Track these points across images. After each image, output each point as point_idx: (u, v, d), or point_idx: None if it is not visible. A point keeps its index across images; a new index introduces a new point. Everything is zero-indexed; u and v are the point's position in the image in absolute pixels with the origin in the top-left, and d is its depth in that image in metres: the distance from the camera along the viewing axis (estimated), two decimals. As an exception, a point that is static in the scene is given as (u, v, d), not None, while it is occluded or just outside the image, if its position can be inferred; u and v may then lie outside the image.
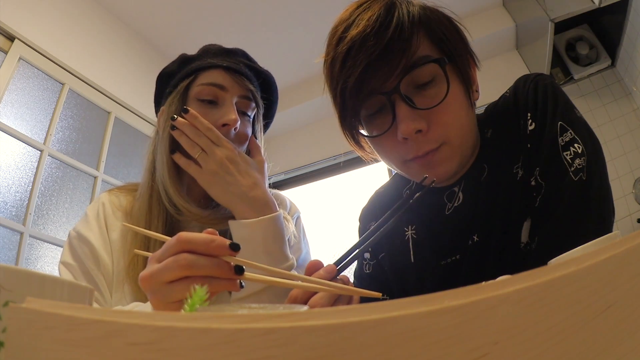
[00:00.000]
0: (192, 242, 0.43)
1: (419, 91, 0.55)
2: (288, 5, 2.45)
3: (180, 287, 0.43)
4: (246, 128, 0.75)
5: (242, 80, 0.74)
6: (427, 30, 0.55)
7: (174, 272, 0.42)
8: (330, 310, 0.14)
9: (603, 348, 0.16)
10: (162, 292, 0.44)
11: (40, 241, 1.74)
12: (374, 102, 0.56)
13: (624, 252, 0.18)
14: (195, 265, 0.42)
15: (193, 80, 0.73)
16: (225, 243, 0.44)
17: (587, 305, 0.16)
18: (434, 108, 0.53)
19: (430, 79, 0.54)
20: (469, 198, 0.60)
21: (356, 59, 0.53)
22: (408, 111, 0.53)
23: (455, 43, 0.58)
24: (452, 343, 0.14)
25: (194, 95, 0.72)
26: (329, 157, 3.09)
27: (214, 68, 0.73)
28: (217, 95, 0.72)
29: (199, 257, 0.43)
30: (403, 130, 0.53)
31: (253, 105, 0.76)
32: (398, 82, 0.53)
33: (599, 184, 0.51)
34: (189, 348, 0.14)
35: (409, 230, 0.66)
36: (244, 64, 0.77)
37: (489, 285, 0.15)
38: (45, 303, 0.17)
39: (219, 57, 0.76)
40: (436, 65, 0.54)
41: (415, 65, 0.53)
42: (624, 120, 2.26)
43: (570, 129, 0.54)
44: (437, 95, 0.54)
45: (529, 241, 0.54)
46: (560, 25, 2.08)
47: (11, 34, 1.78)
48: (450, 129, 0.55)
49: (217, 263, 0.43)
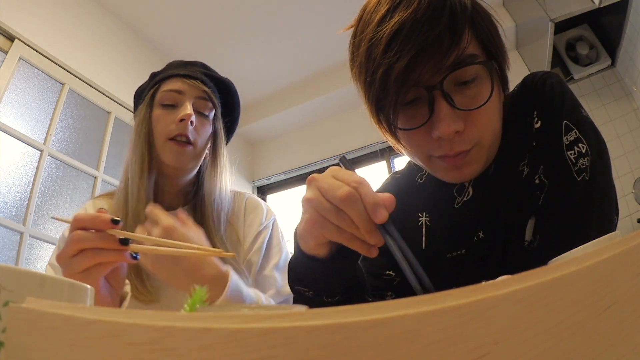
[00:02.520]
0: (82, 220, 0.53)
1: (459, 89, 0.52)
2: (288, 4, 2.45)
3: (79, 259, 0.52)
4: (205, 125, 0.84)
5: (197, 84, 0.84)
6: (474, 24, 0.52)
7: (72, 247, 0.51)
8: (330, 310, 0.14)
9: (603, 348, 0.16)
10: (68, 265, 0.52)
11: (40, 241, 1.74)
12: (410, 94, 0.52)
13: (624, 252, 0.18)
14: (84, 239, 0.52)
15: (157, 90, 0.85)
16: (106, 218, 0.53)
17: (587, 305, 0.16)
18: (473, 110, 0.51)
19: (472, 77, 0.51)
20: (478, 193, 0.60)
21: (405, 45, 0.48)
22: (449, 111, 0.50)
23: (498, 42, 0.55)
24: (452, 343, 0.14)
25: (158, 101, 0.83)
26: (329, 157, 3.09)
27: (173, 77, 0.85)
28: (175, 99, 0.82)
29: (88, 232, 0.52)
30: (443, 131, 0.50)
31: (210, 105, 0.85)
32: (443, 77, 0.50)
33: (603, 184, 0.51)
34: (189, 348, 0.14)
35: (423, 216, 0.66)
36: (200, 72, 0.88)
37: (489, 285, 0.15)
38: (45, 303, 0.17)
39: (179, 68, 0.87)
40: (482, 67, 0.51)
41: (464, 63, 0.50)
42: (624, 120, 2.27)
43: (575, 129, 0.53)
44: (477, 95, 0.51)
45: (533, 239, 0.54)
46: (560, 25, 2.08)
47: (11, 34, 1.78)
48: (485, 131, 0.53)
49: (102, 236, 0.52)
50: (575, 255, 0.20)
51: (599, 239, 0.33)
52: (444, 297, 0.15)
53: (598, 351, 0.16)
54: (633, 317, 0.17)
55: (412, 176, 0.72)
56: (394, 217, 0.45)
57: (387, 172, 2.93)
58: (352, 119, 3.07)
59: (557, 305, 0.15)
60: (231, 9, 2.43)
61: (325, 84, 2.94)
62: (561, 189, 0.52)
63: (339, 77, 2.89)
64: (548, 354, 0.15)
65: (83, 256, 0.52)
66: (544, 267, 0.17)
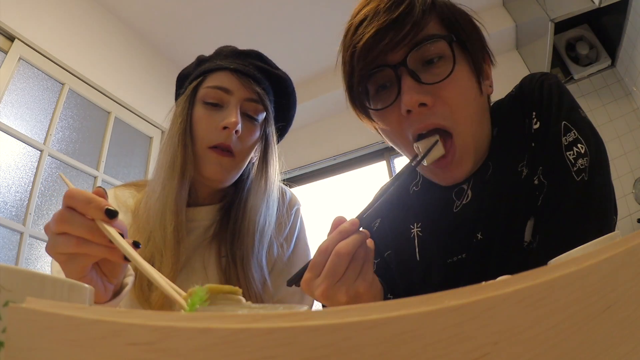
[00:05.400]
0: (74, 198, 0.43)
1: (425, 68, 0.55)
2: (289, 4, 2.45)
3: (62, 240, 0.43)
4: (252, 132, 0.74)
5: (249, 83, 0.72)
6: (439, 14, 0.57)
7: (57, 225, 0.43)
8: (330, 310, 0.14)
9: (603, 348, 0.16)
10: (52, 241, 0.44)
11: (40, 241, 1.74)
12: (381, 77, 0.57)
13: (624, 252, 0.18)
14: (68, 222, 0.43)
15: (201, 82, 0.74)
16: (101, 205, 0.42)
17: (587, 305, 0.16)
18: (439, 84, 0.54)
19: (437, 57, 0.55)
20: (477, 196, 0.60)
21: (367, 28, 0.55)
22: (413, 84, 0.54)
23: (468, 30, 0.59)
24: (452, 343, 0.14)
25: (201, 97, 0.72)
26: (329, 157, 3.09)
27: (221, 70, 0.73)
28: (221, 98, 0.71)
29: (75, 216, 0.43)
30: (406, 101, 0.53)
31: (260, 107, 0.74)
32: (405, 55, 0.54)
33: (602, 184, 0.51)
34: (189, 348, 0.14)
35: (415, 228, 0.66)
36: (255, 66, 0.76)
37: (489, 285, 0.15)
38: (45, 303, 0.17)
39: (229, 59, 0.75)
40: (445, 46, 0.55)
41: (424, 41, 0.54)
42: (624, 120, 2.27)
43: (574, 129, 0.54)
44: (443, 73, 0.54)
45: (532, 240, 0.54)
46: (560, 25, 2.08)
47: (11, 34, 1.78)
48: (457, 108, 0.55)
49: (90, 226, 0.43)
50: (575, 255, 0.20)
51: (599, 239, 0.33)
52: (444, 297, 0.15)
53: (598, 351, 0.16)
54: (633, 317, 0.17)
55: (404, 186, 0.73)
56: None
57: (387, 172, 2.93)
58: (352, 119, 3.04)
59: (557, 305, 0.15)
60: (231, 9, 2.43)
61: (325, 83, 2.94)
62: (561, 189, 0.52)
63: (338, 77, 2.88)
64: (548, 354, 0.15)
65: (67, 240, 0.43)
66: (544, 267, 0.17)
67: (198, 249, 0.73)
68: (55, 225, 0.43)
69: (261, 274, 0.72)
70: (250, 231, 0.72)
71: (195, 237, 0.74)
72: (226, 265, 0.71)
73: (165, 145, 0.73)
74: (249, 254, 0.71)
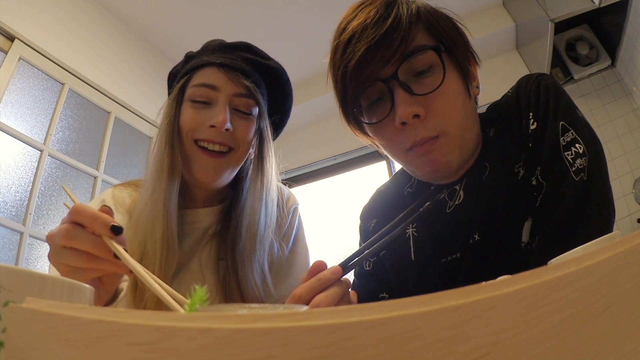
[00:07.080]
0: (80, 214, 0.45)
1: (416, 79, 0.56)
2: (289, 4, 2.45)
3: (70, 254, 0.45)
4: (247, 127, 0.71)
5: (237, 77, 0.69)
6: (425, 24, 0.58)
7: (63, 240, 0.44)
8: (330, 310, 0.14)
9: (603, 348, 0.16)
10: (57, 252, 0.45)
11: (40, 241, 1.74)
12: (373, 91, 0.58)
13: (624, 252, 0.18)
14: (74, 238, 0.44)
15: (188, 81, 0.71)
16: (107, 222, 0.44)
17: (587, 305, 0.16)
18: (431, 94, 0.55)
19: (427, 67, 0.56)
20: (469, 196, 0.60)
21: (356, 46, 0.55)
22: (406, 96, 0.55)
23: (453, 36, 0.60)
24: (452, 343, 0.14)
25: (188, 97, 0.70)
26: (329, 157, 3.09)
27: (208, 66, 0.70)
28: (209, 96, 0.68)
29: (81, 232, 0.44)
30: (400, 114, 0.54)
31: (252, 102, 0.71)
32: (396, 69, 0.55)
33: (600, 184, 0.51)
34: (189, 348, 0.14)
35: (410, 228, 0.67)
36: (243, 59, 0.72)
37: (489, 285, 0.15)
38: (45, 303, 0.17)
39: (216, 54, 0.72)
40: (434, 55, 0.56)
41: (413, 53, 0.55)
42: (624, 120, 2.26)
43: (571, 129, 0.54)
44: (434, 83, 0.55)
45: (530, 241, 0.54)
46: (560, 25, 2.08)
47: (11, 34, 1.78)
48: (448, 117, 0.56)
49: (95, 242, 0.44)
50: (575, 255, 0.20)
51: (599, 239, 0.33)
52: (444, 297, 0.15)
53: (598, 351, 0.16)
54: (633, 317, 0.17)
55: (399, 187, 0.74)
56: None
57: (387, 172, 2.93)
58: (352, 119, 3.06)
59: (557, 305, 0.15)
60: (232, 9, 2.43)
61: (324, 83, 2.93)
62: (559, 189, 0.52)
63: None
64: (548, 354, 0.15)
65: (74, 255, 0.45)
66: (544, 267, 0.17)
67: (197, 250, 0.73)
68: (62, 239, 0.44)
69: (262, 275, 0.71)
70: (250, 234, 0.71)
71: (194, 239, 0.74)
72: (224, 270, 0.70)
73: (153, 147, 0.71)
74: (250, 258, 0.70)
